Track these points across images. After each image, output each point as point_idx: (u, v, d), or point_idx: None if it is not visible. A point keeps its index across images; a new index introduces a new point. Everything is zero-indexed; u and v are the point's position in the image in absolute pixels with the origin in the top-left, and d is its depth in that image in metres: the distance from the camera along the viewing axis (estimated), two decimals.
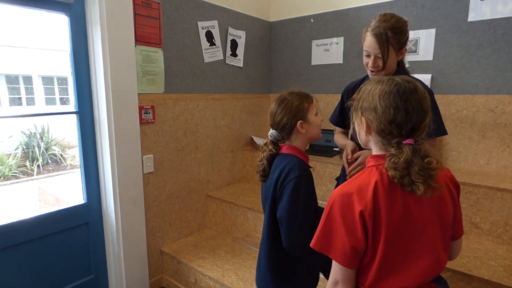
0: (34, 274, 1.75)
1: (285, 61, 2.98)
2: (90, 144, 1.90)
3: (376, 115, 0.83)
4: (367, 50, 1.40)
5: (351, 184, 0.85)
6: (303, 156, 1.24)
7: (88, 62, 1.83)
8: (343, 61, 2.63)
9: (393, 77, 0.87)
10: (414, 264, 0.84)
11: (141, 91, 1.98)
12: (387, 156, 0.82)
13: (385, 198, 0.80)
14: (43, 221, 1.74)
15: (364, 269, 0.85)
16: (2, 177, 7.06)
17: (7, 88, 9.31)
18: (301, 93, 1.27)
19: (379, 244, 0.81)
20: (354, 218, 0.80)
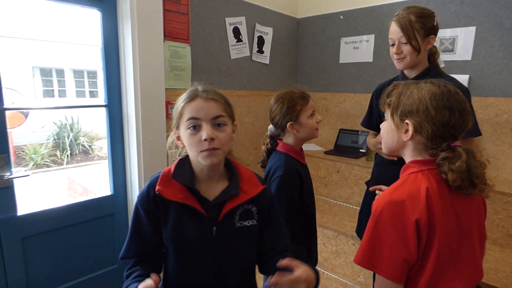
0: (62, 260, 1.80)
1: (312, 59, 2.93)
2: (118, 138, 1.93)
3: (427, 118, 0.79)
4: (391, 37, 1.36)
5: (399, 191, 0.80)
6: (295, 154, 1.28)
7: (118, 56, 1.86)
8: (373, 60, 2.55)
9: (430, 79, 0.85)
10: (461, 272, 0.80)
11: (168, 86, 1.99)
12: (441, 159, 0.78)
13: (438, 205, 0.77)
14: (72, 210, 1.79)
15: (409, 281, 0.80)
16: (35, 165, 7.40)
17: (42, 80, 9.74)
18: (297, 94, 1.29)
19: (430, 254, 0.77)
20: (407, 228, 0.75)
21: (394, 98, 0.87)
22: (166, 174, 0.89)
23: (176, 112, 0.90)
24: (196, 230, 0.85)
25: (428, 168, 0.81)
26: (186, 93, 0.89)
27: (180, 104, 0.88)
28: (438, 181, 0.79)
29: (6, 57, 8.42)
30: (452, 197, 0.80)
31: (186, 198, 0.85)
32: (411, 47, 1.30)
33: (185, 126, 0.85)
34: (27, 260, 1.66)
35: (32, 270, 1.69)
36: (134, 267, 0.89)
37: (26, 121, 7.83)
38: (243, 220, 0.89)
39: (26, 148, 7.63)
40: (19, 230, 1.60)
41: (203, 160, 0.83)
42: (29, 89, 9.23)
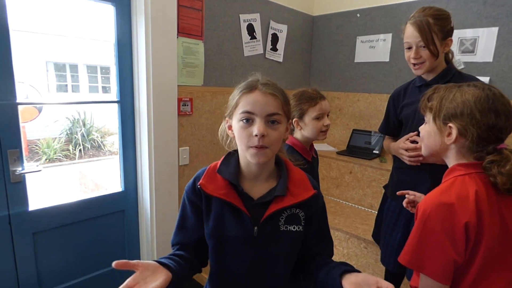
0: (73, 256, 1.81)
1: (327, 57, 2.88)
2: (130, 134, 1.92)
3: (472, 121, 0.79)
4: (407, 41, 1.31)
5: (448, 193, 0.80)
6: (299, 149, 1.33)
7: (131, 52, 1.85)
8: (389, 60, 2.49)
9: (473, 82, 0.85)
10: (502, 276, 0.81)
11: (181, 83, 1.98)
12: (488, 163, 0.79)
13: (487, 209, 0.78)
14: (83, 206, 1.79)
15: (453, 282, 0.81)
16: (48, 159, 7.52)
17: (55, 75, 9.88)
18: (308, 94, 1.32)
19: (476, 257, 0.78)
20: (457, 230, 0.76)
21: (435, 102, 0.87)
22: (213, 168, 0.88)
23: (232, 101, 0.85)
24: (237, 228, 0.83)
25: (475, 172, 0.81)
26: (245, 82, 0.85)
27: (237, 94, 0.83)
28: (485, 184, 0.80)
29: (20, 52, 8.55)
30: (499, 200, 0.80)
31: (227, 195, 0.83)
32: (429, 51, 1.25)
33: (238, 117, 0.81)
34: (38, 255, 1.67)
35: (43, 265, 1.70)
36: (177, 251, 0.89)
37: (40, 115, 7.95)
38: (288, 224, 0.85)
39: (39, 143, 7.76)
40: (30, 225, 1.61)
41: (251, 158, 0.81)
42: (43, 83, 9.37)
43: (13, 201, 1.54)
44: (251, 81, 0.84)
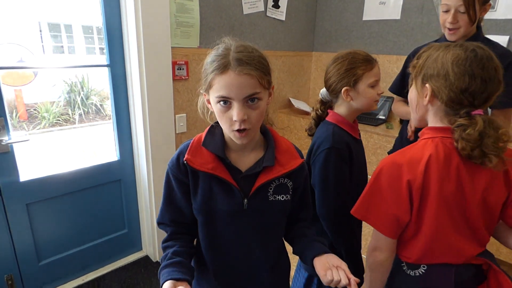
0: (71, 226, 1.80)
1: (332, 15, 2.67)
2: (123, 100, 1.83)
3: (446, 83, 0.78)
4: (446, 3, 1.21)
5: (402, 155, 0.83)
6: (346, 126, 1.13)
7: (120, 10, 1.70)
8: (401, 17, 2.29)
9: (464, 42, 0.81)
10: (460, 241, 0.83)
11: (175, 44, 1.84)
12: (456, 126, 0.78)
13: (437, 173, 0.78)
14: (78, 176, 1.75)
15: (408, 243, 0.86)
16: (47, 124, 7.46)
17: (50, 36, 9.52)
18: (361, 56, 1.09)
19: (424, 219, 0.81)
20: (401, 188, 0.80)
21: (421, 61, 0.84)
22: (197, 141, 0.83)
23: (205, 78, 0.77)
24: (226, 202, 0.81)
25: (441, 136, 0.81)
26: (216, 55, 0.75)
27: (209, 73, 0.74)
28: (448, 149, 0.79)
29: (8, 11, 8.17)
30: (460, 166, 0.79)
31: (215, 168, 0.79)
32: (468, 17, 1.17)
33: (215, 100, 0.75)
34: (34, 226, 1.65)
35: (40, 236, 1.69)
36: (171, 241, 0.85)
37: (36, 78, 7.77)
38: (277, 194, 0.83)
39: (37, 107, 7.66)
40: (23, 196, 1.57)
41: (235, 139, 0.77)
42: (37, 45, 9.06)
43: (2, 173, 1.49)
44: (222, 56, 0.73)
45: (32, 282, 1.70)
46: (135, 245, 2.12)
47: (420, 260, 0.86)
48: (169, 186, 0.85)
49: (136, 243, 2.12)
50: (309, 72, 2.88)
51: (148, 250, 2.12)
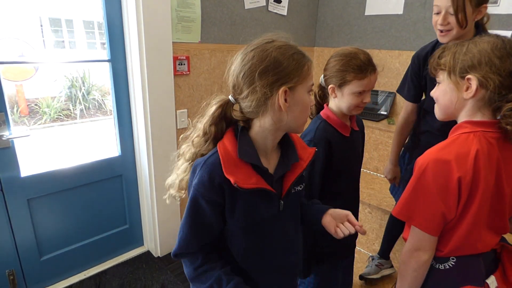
0: (72, 221, 1.80)
1: (335, 10, 2.65)
2: (124, 96, 1.82)
3: (492, 69, 0.76)
4: (437, 5, 1.19)
5: (447, 150, 0.80)
6: (335, 123, 1.15)
7: (121, 5, 1.68)
8: (403, 12, 2.27)
9: (484, 34, 0.83)
10: (489, 233, 0.85)
11: (176, 39, 1.82)
12: (508, 110, 0.76)
13: (485, 167, 0.78)
14: (79, 172, 1.75)
15: (442, 237, 0.85)
16: (48, 119, 7.46)
17: (51, 31, 9.50)
18: (359, 61, 1.07)
19: (468, 213, 0.80)
20: (450, 185, 0.78)
21: (448, 58, 0.83)
22: (226, 154, 0.74)
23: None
24: (266, 209, 0.79)
25: (481, 130, 0.80)
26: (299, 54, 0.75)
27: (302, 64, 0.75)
28: (488, 143, 0.79)
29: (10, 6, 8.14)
30: (499, 160, 0.80)
31: (257, 182, 0.74)
32: (456, 20, 1.14)
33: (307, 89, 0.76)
34: (35, 221, 1.66)
35: (41, 231, 1.70)
36: (206, 264, 0.79)
37: (37, 73, 7.76)
38: (297, 186, 0.85)
39: (38, 102, 7.65)
40: (24, 192, 1.57)
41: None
42: (38, 40, 9.04)
43: (2, 168, 1.49)
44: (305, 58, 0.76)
45: (33, 278, 1.71)
46: (136, 240, 2.12)
47: (451, 253, 0.85)
48: (199, 212, 0.76)
49: (137, 238, 2.12)
50: None
51: (149, 246, 2.12)
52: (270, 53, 0.72)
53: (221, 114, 0.77)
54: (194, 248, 0.78)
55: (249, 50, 0.75)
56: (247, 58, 0.74)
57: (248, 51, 0.75)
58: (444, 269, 0.87)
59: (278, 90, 0.71)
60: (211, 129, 0.77)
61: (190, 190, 0.77)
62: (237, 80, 0.75)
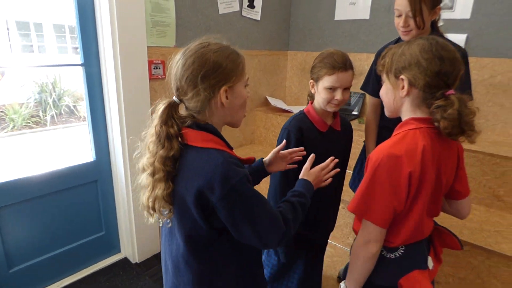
0: (45, 230, 1.76)
1: (306, 15, 2.75)
2: (98, 100, 1.81)
3: (420, 70, 0.83)
4: (398, 9, 1.30)
5: (398, 146, 0.85)
6: (313, 118, 1.28)
7: (94, 9, 1.68)
8: (370, 17, 2.40)
9: (420, 36, 0.88)
10: (430, 220, 0.92)
11: (151, 43, 1.84)
12: (435, 108, 0.82)
13: (430, 161, 0.84)
14: (51, 178, 1.72)
15: (393, 229, 0.89)
16: (15, 126, 7.15)
17: (19, 34, 9.13)
18: (331, 60, 1.18)
19: (416, 205, 0.86)
20: (402, 179, 0.82)
21: (388, 59, 0.91)
22: (229, 154, 0.81)
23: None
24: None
25: (425, 126, 0.86)
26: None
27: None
28: (432, 138, 0.85)
29: None
30: (439, 154, 0.86)
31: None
32: (414, 22, 1.26)
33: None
34: (4, 231, 1.61)
35: (11, 241, 1.64)
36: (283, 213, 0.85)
37: (3, 79, 7.44)
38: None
39: (5, 108, 7.32)
40: None
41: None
42: (4, 44, 8.67)
43: None
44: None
45: None
46: (113, 247, 2.09)
47: (401, 243, 0.90)
48: (254, 190, 0.80)
49: (114, 245, 2.10)
50: (285, 71, 2.94)
51: (126, 252, 2.10)
52: (209, 57, 0.78)
53: (169, 113, 0.81)
54: (280, 222, 0.81)
55: (189, 56, 0.79)
56: (188, 63, 0.78)
57: (188, 56, 0.79)
58: (394, 257, 0.92)
59: (220, 90, 0.79)
60: (163, 129, 0.79)
61: (231, 190, 0.74)
62: (181, 83, 0.80)
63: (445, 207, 1.04)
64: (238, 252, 0.86)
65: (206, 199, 0.75)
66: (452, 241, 0.98)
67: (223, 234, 0.81)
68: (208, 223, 0.79)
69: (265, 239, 0.78)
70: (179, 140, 0.80)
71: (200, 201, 0.76)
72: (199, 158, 0.77)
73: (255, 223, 0.76)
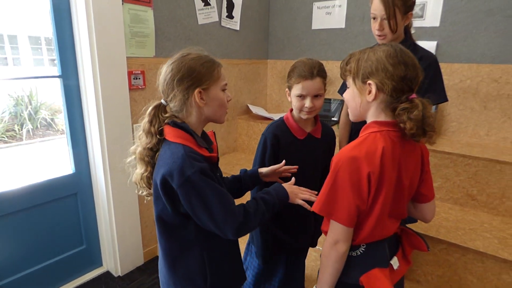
0: (24, 245, 1.71)
1: (284, 25, 2.82)
2: (77, 111, 1.79)
3: (387, 75, 0.86)
4: (373, 13, 1.38)
5: (359, 148, 0.88)
6: (290, 124, 1.33)
7: (71, 21, 1.67)
8: (345, 26, 2.48)
9: (383, 43, 0.92)
10: (392, 221, 0.95)
11: (130, 54, 1.84)
12: (401, 110, 0.85)
13: (389, 163, 0.87)
14: (29, 192, 1.68)
15: (356, 226, 0.92)
16: None
17: None
18: (299, 70, 1.23)
19: (376, 204, 0.89)
20: (361, 180, 0.85)
21: (353, 64, 0.93)
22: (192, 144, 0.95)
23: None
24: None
25: (386, 129, 0.89)
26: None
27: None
28: (392, 141, 0.88)
29: None
30: (400, 156, 0.89)
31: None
32: (388, 25, 1.34)
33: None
34: None
35: None
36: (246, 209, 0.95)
37: None
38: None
39: None
40: None
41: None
42: None
43: None
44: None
45: None
46: (94, 261, 2.05)
47: (362, 241, 0.94)
48: (211, 182, 0.92)
49: (95, 259, 2.05)
50: (265, 79, 2.99)
51: (109, 265, 2.06)
52: (185, 64, 0.92)
53: (155, 113, 0.95)
54: (237, 207, 0.92)
55: (170, 63, 0.94)
56: (168, 70, 0.93)
57: (169, 64, 0.94)
58: (356, 255, 0.95)
59: (194, 92, 0.91)
60: (148, 125, 0.94)
61: (186, 180, 0.85)
62: (163, 87, 0.95)
63: (411, 210, 1.07)
64: (202, 238, 0.96)
65: (170, 186, 0.87)
66: (419, 243, 1.01)
67: (190, 219, 0.92)
68: (174, 208, 0.91)
69: (222, 227, 0.88)
70: (157, 137, 0.94)
71: (165, 186, 0.87)
72: (168, 150, 0.90)
73: (212, 212, 0.86)
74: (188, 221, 0.93)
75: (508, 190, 1.82)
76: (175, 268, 0.98)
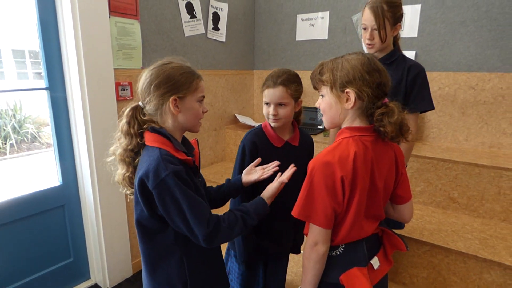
0: (10, 258, 1.68)
1: (269, 36, 2.89)
2: (64, 123, 1.79)
3: (364, 82, 0.89)
4: (364, 23, 1.45)
5: (332, 153, 0.91)
6: (268, 132, 1.35)
7: (58, 34, 1.69)
8: (328, 37, 2.57)
9: (354, 52, 0.96)
10: (369, 221, 0.99)
11: (117, 66, 1.87)
12: (379, 115, 0.90)
13: (361, 167, 0.90)
14: (15, 205, 1.65)
15: (334, 228, 0.96)
16: None
17: None
18: (270, 75, 1.27)
19: (351, 206, 0.92)
20: (336, 183, 0.89)
21: (328, 74, 0.94)
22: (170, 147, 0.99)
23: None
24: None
25: (358, 135, 0.92)
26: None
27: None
28: (364, 145, 0.92)
29: None
30: (373, 160, 0.93)
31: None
32: (378, 35, 1.41)
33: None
34: None
35: None
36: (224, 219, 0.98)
37: None
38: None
39: None
40: None
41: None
42: None
43: None
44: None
45: None
46: (82, 274, 2.02)
47: (341, 242, 0.97)
48: (187, 189, 0.95)
49: (83, 271, 2.02)
50: (252, 89, 3.05)
51: (97, 278, 2.03)
52: (165, 71, 0.95)
53: (133, 114, 0.97)
54: (210, 216, 0.93)
55: (151, 68, 0.97)
56: (148, 74, 0.96)
57: (150, 69, 0.97)
58: (335, 255, 0.99)
59: (169, 99, 0.94)
60: (126, 126, 0.96)
61: (161, 182, 0.87)
62: (141, 91, 0.98)
63: (390, 211, 1.11)
64: (182, 243, 0.97)
65: (147, 187, 0.88)
66: (399, 243, 1.05)
67: (168, 224, 0.93)
68: (151, 210, 0.92)
69: (192, 233, 0.90)
70: (138, 140, 0.96)
71: (143, 188, 0.90)
72: (146, 154, 0.93)
73: (184, 216, 0.88)
74: (166, 225, 0.94)
75: (487, 193, 1.89)
76: (155, 273, 0.99)
